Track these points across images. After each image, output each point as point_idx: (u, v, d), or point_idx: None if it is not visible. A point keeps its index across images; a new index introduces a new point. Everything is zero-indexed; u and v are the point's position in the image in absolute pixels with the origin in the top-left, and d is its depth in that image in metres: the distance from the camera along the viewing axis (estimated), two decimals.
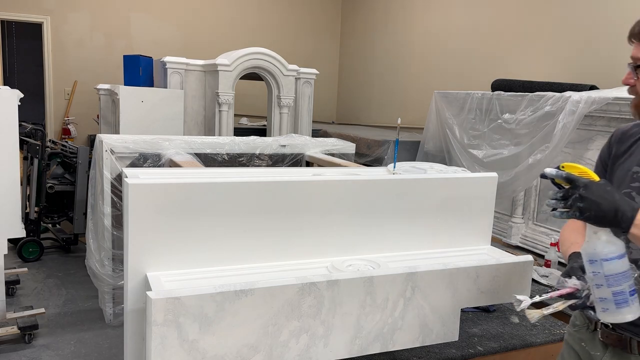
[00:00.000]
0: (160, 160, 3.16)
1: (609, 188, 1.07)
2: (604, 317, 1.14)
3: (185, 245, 1.54)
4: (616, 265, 1.09)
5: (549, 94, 2.97)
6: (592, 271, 1.12)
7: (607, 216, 1.04)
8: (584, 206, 1.05)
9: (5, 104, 2.86)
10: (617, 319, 1.12)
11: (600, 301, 1.13)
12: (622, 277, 1.10)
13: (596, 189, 1.06)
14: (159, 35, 6.69)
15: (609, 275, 1.10)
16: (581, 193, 1.06)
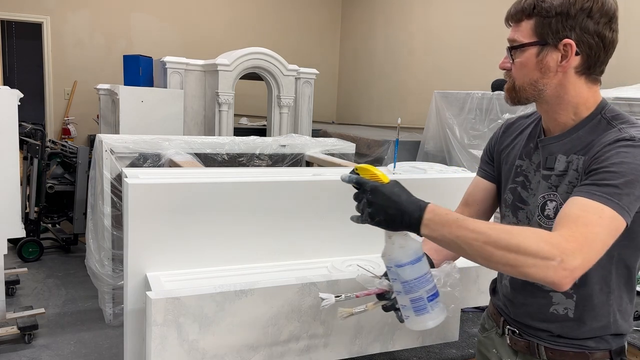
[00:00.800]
0: (160, 160, 3.16)
1: (397, 189, 1.02)
2: (407, 324, 1.10)
3: (185, 245, 1.54)
4: (411, 271, 1.05)
5: None
6: (392, 278, 1.08)
7: (395, 220, 1.00)
8: (372, 211, 1.02)
9: (5, 104, 2.86)
10: (419, 326, 1.08)
11: (402, 308, 1.09)
12: (418, 283, 1.05)
13: (383, 192, 1.01)
14: (159, 35, 6.69)
15: (405, 282, 1.05)
16: (368, 198, 1.03)
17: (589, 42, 1.06)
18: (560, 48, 1.07)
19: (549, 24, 1.08)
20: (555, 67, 1.09)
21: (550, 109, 1.17)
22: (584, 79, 1.10)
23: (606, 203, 0.95)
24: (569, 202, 0.99)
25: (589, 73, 1.09)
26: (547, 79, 1.11)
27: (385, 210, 1.01)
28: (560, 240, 0.91)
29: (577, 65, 1.08)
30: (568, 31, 1.06)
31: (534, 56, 1.11)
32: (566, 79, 1.10)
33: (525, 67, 1.13)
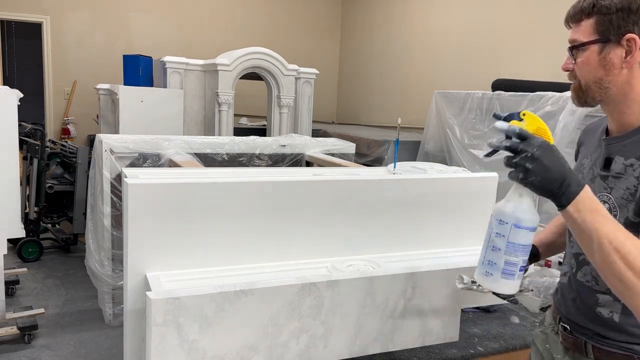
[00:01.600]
0: (160, 160, 3.16)
1: (561, 155, 0.97)
2: (482, 280, 1.09)
3: (185, 245, 1.53)
4: (525, 236, 1.03)
5: (550, 94, 2.97)
6: (497, 232, 1.06)
7: (553, 185, 0.93)
8: (532, 168, 0.93)
9: (5, 103, 2.86)
10: (493, 287, 1.07)
11: (488, 264, 1.07)
12: (522, 250, 1.04)
13: (553, 151, 0.95)
14: (158, 35, 6.68)
15: (512, 243, 1.04)
16: (534, 152, 0.93)
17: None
18: (623, 44, 1.06)
19: (609, 21, 1.06)
20: (620, 63, 1.07)
21: (616, 109, 1.13)
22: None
23: None
24: None
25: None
26: (612, 77, 1.09)
27: (547, 172, 0.93)
28: None
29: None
30: (631, 26, 1.05)
31: (597, 54, 1.10)
32: (632, 75, 1.07)
33: (588, 65, 1.12)
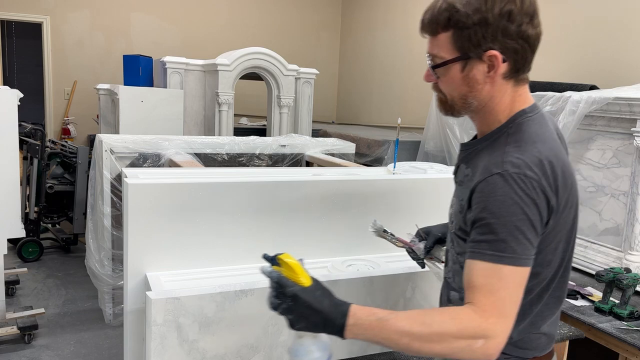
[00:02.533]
0: (160, 160, 3.16)
1: (319, 293, 0.98)
2: None
3: (185, 245, 1.53)
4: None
5: (549, 94, 2.97)
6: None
7: (317, 327, 0.97)
8: (292, 319, 0.97)
9: (5, 103, 2.86)
10: None
11: None
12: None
13: (304, 299, 0.96)
14: (158, 35, 6.68)
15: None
16: (289, 305, 0.97)
17: (514, 47, 1.00)
18: (485, 60, 1.00)
19: (468, 36, 0.99)
20: (483, 79, 1.03)
21: (476, 117, 1.12)
22: (512, 83, 1.05)
23: (500, 261, 0.93)
24: (469, 267, 0.96)
25: (517, 76, 1.05)
26: (476, 92, 1.04)
27: (307, 318, 0.97)
28: (475, 318, 0.91)
29: (505, 72, 1.02)
30: (490, 42, 0.99)
31: (459, 72, 1.04)
32: (494, 88, 1.04)
33: (452, 82, 1.06)
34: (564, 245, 1.05)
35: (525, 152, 0.98)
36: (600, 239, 2.72)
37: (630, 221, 2.52)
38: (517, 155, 0.98)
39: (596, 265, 2.64)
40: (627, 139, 2.57)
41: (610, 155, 2.68)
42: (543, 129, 1.04)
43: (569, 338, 1.92)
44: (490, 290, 0.92)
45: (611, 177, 2.67)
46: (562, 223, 1.02)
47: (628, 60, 3.56)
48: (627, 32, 3.54)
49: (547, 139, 1.02)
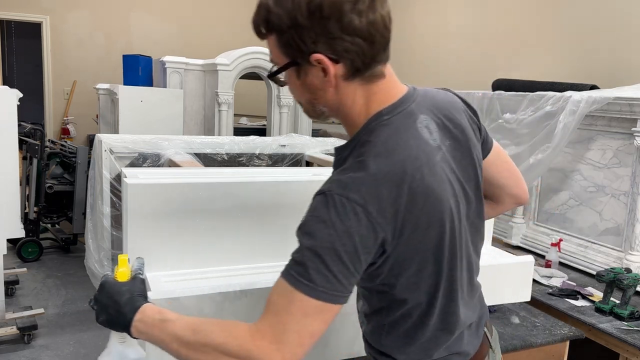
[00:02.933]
0: (159, 160, 3.15)
1: (125, 288, 0.95)
2: None
3: (185, 245, 1.53)
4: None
5: (550, 94, 2.97)
6: None
7: (113, 321, 0.94)
8: (97, 309, 0.95)
9: (5, 103, 2.85)
10: None
11: None
12: None
13: (107, 289, 0.95)
14: (158, 34, 6.68)
15: None
16: (96, 295, 0.96)
17: (342, 45, 0.85)
18: (314, 64, 0.87)
19: (287, 41, 0.87)
20: (322, 84, 0.90)
21: (343, 123, 0.98)
22: (360, 82, 0.90)
23: (295, 285, 0.83)
24: (276, 281, 0.88)
25: (361, 74, 0.89)
26: (320, 98, 0.93)
27: (106, 310, 0.95)
28: (245, 336, 0.84)
29: (343, 73, 0.88)
30: (311, 44, 0.85)
31: (296, 78, 0.92)
32: (339, 91, 0.91)
33: (294, 89, 0.96)
34: (433, 267, 0.93)
35: (361, 169, 0.85)
36: (600, 239, 2.72)
37: (631, 221, 2.52)
38: (351, 173, 0.86)
39: (596, 265, 2.64)
40: (628, 138, 2.56)
41: (611, 155, 2.68)
42: (399, 134, 0.90)
43: (569, 338, 1.92)
44: (276, 311, 0.85)
45: (612, 177, 2.67)
46: (415, 246, 0.89)
47: (628, 60, 3.55)
48: (628, 32, 3.54)
49: (399, 148, 0.88)
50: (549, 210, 3.08)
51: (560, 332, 1.93)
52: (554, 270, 2.65)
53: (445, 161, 0.94)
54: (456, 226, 0.95)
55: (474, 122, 1.07)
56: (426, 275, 0.94)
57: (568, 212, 2.93)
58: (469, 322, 1.06)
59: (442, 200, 0.90)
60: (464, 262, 1.00)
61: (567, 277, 2.58)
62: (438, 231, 0.91)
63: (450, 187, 0.93)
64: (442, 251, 0.93)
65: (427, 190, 0.88)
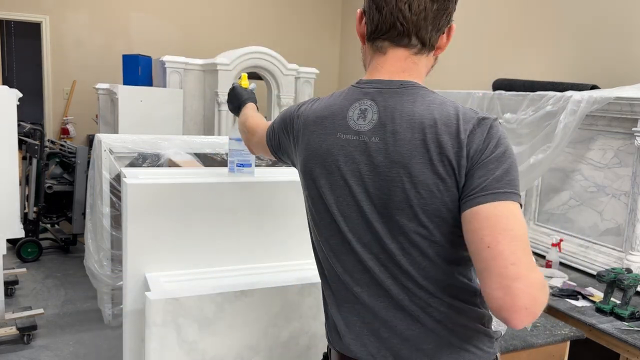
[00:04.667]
0: (159, 160, 3.14)
1: (246, 92, 1.67)
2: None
3: (185, 245, 1.53)
4: (232, 144, 1.73)
5: (550, 94, 2.96)
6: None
7: (236, 106, 1.63)
8: (228, 98, 1.69)
9: (4, 103, 2.85)
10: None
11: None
12: (234, 153, 1.73)
13: (235, 88, 1.68)
14: (158, 34, 6.67)
15: (230, 149, 1.73)
16: (229, 90, 1.70)
17: (366, 6, 1.04)
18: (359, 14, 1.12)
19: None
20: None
21: None
22: (368, 47, 1.07)
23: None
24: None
25: (370, 40, 1.05)
26: (362, 47, 1.14)
27: (231, 100, 1.66)
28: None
29: (364, 33, 1.07)
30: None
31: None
32: (365, 47, 1.10)
33: None
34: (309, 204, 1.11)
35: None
36: (601, 239, 2.71)
37: (632, 221, 2.51)
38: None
39: (597, 265, 2.64)
40: (628, 138, 2.56)
41: (611, 155, 2.67)
42: (333, 97, 1.09)
43: (569, 339, 1.92)
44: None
45: (612, 177, 2.67)
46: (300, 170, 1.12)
47: (629, 60, 3.55)
48: (628, 32, 3.54)
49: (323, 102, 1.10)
50: (550, 211, 3.07)
51: (560, 332, 1.93)
52: (554, 270, 2.64)
53: (353, 146, 1.00)
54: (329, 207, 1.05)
55: (447, 154, 0.93)
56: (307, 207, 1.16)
57: (569, 212, 2.93)
58: None
59: (313, 138, 1.07)
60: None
61: (568, 277, 2.57)
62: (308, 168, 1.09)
63: (329, 168, 1.03)
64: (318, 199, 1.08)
65: (298, 118, 1.14)
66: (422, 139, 0.94)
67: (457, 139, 0.93)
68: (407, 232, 0.97)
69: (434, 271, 0.98)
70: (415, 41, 1.00)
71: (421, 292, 0.99)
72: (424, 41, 1.00)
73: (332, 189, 1.02)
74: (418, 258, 0.98)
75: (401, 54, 1.01)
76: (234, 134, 1.73)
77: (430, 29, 0.99)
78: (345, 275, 1.05)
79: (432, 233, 0.96)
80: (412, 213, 0.96)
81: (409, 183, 0.95)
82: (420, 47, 1.01)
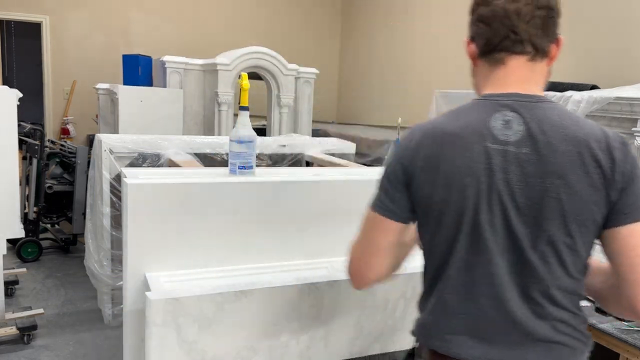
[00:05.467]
0: (159, 160, 3.15)
1: None
2: None
3: (185, 245, 1.53)
4: (233, 146, 1.72)
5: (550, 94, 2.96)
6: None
7: None
8: None
9: (4, 103, 2.85)
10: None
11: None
12: (234, 155, 1.73)
13: None
14: (158, 34, 6.68)
15: (231, 151, 1.71)
16: None
17: (473, 29, 1.09)
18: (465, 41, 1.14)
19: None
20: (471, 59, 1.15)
21: None
22: (483, 62, 1.11)
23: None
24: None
25: (484, 56, 1.10)
26: (472, 70, 1.16)
27: None
28: None
29: (475, 52, 1.11)
30: (469, 27, 1.12)
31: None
32: (475, 67, 1.14)
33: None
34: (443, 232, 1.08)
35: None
36: None
37: None
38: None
39: None
40: (628, 138, 2.56)
41: None
42: (469, 108, 1.08)
43: None
44: None
45: None
46: (428, 197, 1.06)
47: (629, 60, 3.55)
48: (628, 32, 3.54)
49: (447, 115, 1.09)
50: None
51: None
52: None
53: (501, 155, 1.01)
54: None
55: (603, 167, 1.00)
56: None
57: None
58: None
59: (456, 172, 1.03)
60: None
61: None
62: (458, 198, 1.06)
63: (478, 178, 1.02)
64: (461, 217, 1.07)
65: (441, 156, 1.04)
66: (578, 151, 0.99)
67: (609, 155, 1.00)
68: (554, 241, 1.01)
69: (565, 280, 1.05)
70: (529, 47, 1.06)
71: (544, 301, 1.04)
72: (536, 47, 1.07)
73: (477, 197, 1.02)
74: (554, 266, 1.03)
75: (519, 61, 1.06)
76: (234, 135, 1.72)
77: (540, 35, 1.07)
78: (469, 284, 1.07)
79: (576, 242, 1.03)
80: (562, 222, 1.01)
81: (565, 194, 0.99)
82: (534, 54, 1.07)
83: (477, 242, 1.04)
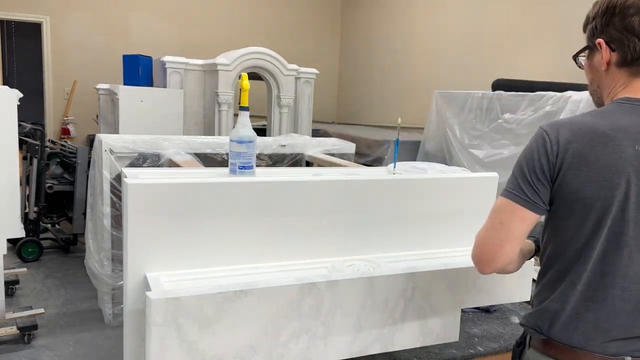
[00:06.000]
0: (159, 160, 3.15)
1: None
2: None
3: (185, 245, 1.53)
4: (233, 146, 1.74)
5: (550, 94, 2.97)
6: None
7: None
8: None
9: (5, 103, 2.85)
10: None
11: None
12: (235, 155, 1.75)
13: None
14: (158, 34, 6.68)
15: (231, 151, 1.73)
16: None
17: (619, 38, 1.11)
18: (597, 47, 1.15)
19: (590, 29, 1.18)
20: (599, 66, 1.17)
21: (595, 103, 1.29)
22: (624, 71, 1.14)
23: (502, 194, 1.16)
24: None
25: (628, 65, 1.13)
26: (595, 77, 1.21)
27: None
28: None
29: (616, 61, 1.14)
30: (599, 32, 1.15)
31: (587, 59, 1.23)
32: (608, 74, 1.17)
33: (586, 69, 1.24)
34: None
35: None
36: None
37: None
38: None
39: None
40: None
41: None
42: (614, 109, 1.14)
43: None
44: None
45: None
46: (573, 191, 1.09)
47: None
48: None
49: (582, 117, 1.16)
50: None
51: None
52: None
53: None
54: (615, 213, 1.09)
55: None
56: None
57: None
58: None
59: (603, 162, 1.08)
60: None
61: None
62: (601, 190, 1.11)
63: (628, 178, 1.07)
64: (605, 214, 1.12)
65: (585, 149, 1.09)
66: None
67: None
68: None
69: None
70: None
71: None
72: None
73: (626, 196, 1.08)
74: None
75: None
76: (234, 135, 1.72)
77: None
78: (602, 277, 1.11)
79: None
80: None
81: None
82: None
83: (618, 238, 1.09)
